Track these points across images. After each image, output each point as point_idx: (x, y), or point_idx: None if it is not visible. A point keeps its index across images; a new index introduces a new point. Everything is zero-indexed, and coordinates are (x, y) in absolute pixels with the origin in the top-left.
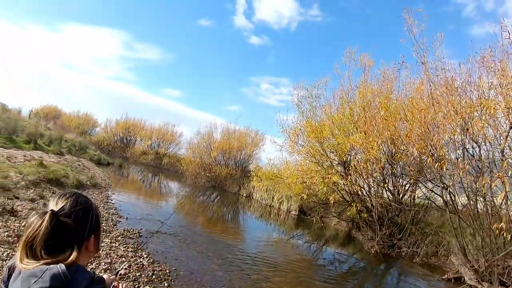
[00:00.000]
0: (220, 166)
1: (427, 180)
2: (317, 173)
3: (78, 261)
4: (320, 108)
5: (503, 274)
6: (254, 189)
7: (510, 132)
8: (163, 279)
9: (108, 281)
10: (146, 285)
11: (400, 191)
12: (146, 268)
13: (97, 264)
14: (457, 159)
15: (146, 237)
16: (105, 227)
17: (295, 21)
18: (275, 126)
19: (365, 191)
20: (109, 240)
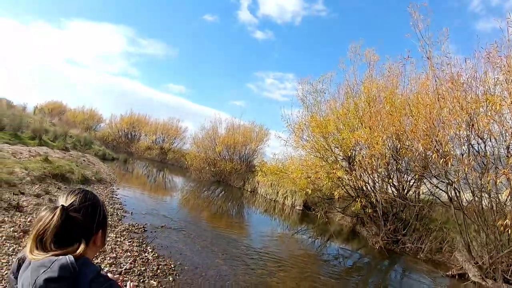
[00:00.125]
0: (224, 161)
1: (432, 176)
2: (321, 168)
3: (85, 255)
4: (325, 103)
5: (507, 271)
6: (258, 184)
7: None
8: (168, 274)
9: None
10: (151, 280)
11: (404, 186)
12: (151, 262)
13: (102, 259)
14: (462, 155)
15: (151, 232)
16: (110, 222)
17: (299, 15)
18: (280, 121)
19: (370, 186)
20: (114, 235)
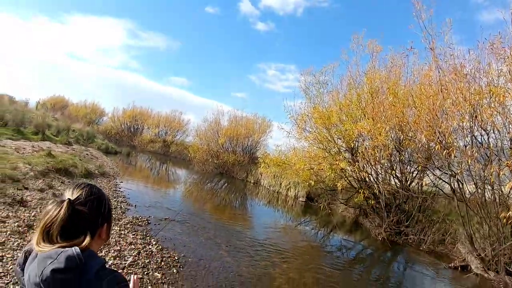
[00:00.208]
0: (227, 153)
1: (435, 167)
2: (324, 160)
3: (91, 247)
4: (328, 94)
5: (509, 264)
6: (261, 176)
7: None
8: (172, 266)
9: None
10: (155, 272)
11: (407, 178)
12: (155, 255)
13: (106, 252)
14: (466, 147)
15: (154, 224)
16: (114, 215)
17: (301, 6)
18: (282, 112)
19: (373, 177)
20: (118, 228)
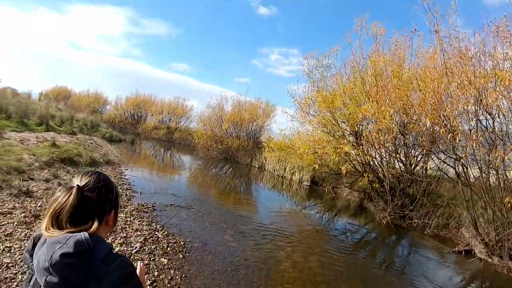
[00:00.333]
0: (231, 138)
1: (440, 151)
2: (328, 143)
3: (98, 233)
4: (331, 78)
5: None
6: (266, 160)
7: None
8: (178, 251)
9: None
10: (162, 257)
11: (412, 161)
12: (161, 240)
13: (113, 239)
14: (470, 131)
15: (160, 211)
16: (120, 203)
17: None
18: (286, 96)
19: (377, 161)
20: (124, 215)
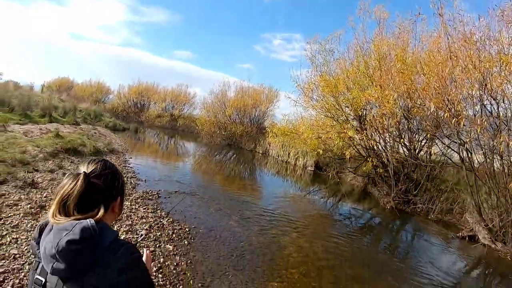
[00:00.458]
0: (235, 124)
1: (444, 136)
2: (332, 128)
3: (104, 220)
4: (334, 62)
5: None
6: (270, 146)
7: None
8: (183, 237)
9: None
10: (167, 244)
11: (416, 146)
12: (166, 227)
13: (118, 227)
14: (475, 116)
15: (165, 198)
16: (125, 191)
17: None
18: (289, 82)
19: (381, 146)
20: (129, 203)
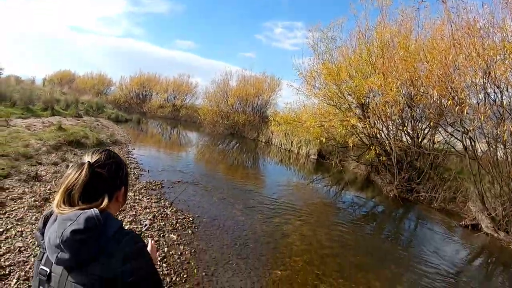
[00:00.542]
0: (237, 113)
1: (447, 124)
2: (335, 116)
3: (109, 210)
4: (336, 50)
5: None
6: (272, 135)
7: None
8: (187, 227)
9: None
10: (171, 233)
11: (419, 134)
12: (170, 217)
13: (122, 217)
14: (478, 104)
15: (168, 188)
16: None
17: None
18: (291, 70)
19: (384, 134)
20: (133, 194)
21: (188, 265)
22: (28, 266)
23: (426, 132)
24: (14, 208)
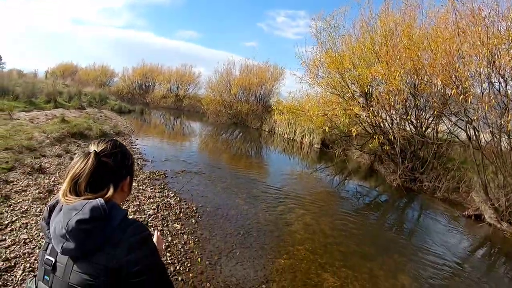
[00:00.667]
0: (241, 103)
1: (451, 113)
2: (338, 105)
3: (114, 199)
4: (340, 39)
5: None
6: (276, 124)
7: None
8: (190, 216)
9: None
10: (175, 223)
11: (423, 124)
12: (174, 206)
13: (126, 207)
14: (482, 93)
15: (171, 177)
16: None
17: None
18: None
19: (387, 123)
20: (136, 184)
21: (191, 254)
22: (33, 258)
23: (429, 121)
24: (18, 201)
